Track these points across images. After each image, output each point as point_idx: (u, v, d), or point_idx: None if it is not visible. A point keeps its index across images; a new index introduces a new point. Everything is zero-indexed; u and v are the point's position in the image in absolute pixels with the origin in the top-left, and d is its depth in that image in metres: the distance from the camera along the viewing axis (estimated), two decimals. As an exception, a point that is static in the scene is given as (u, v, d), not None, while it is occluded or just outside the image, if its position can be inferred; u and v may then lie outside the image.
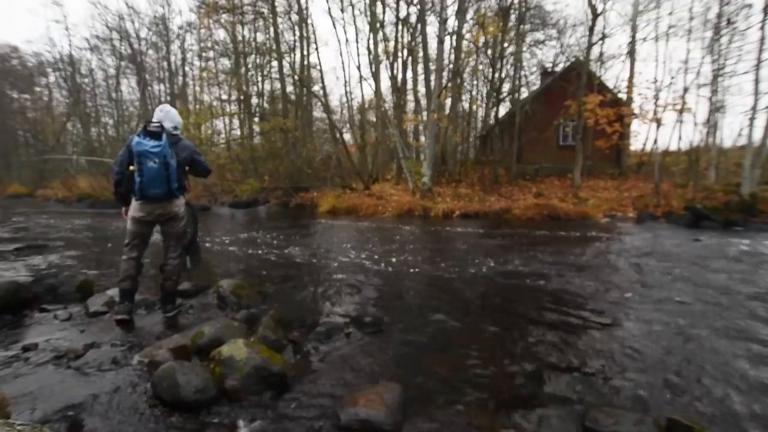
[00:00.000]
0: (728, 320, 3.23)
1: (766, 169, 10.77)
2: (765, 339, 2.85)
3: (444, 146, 16.68)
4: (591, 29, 13.63)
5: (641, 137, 28.31)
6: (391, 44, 17.60)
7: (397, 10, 17.31)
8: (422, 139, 15.33)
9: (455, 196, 12.95)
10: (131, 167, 2.76)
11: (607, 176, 15.48)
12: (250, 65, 20.27)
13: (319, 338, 2.81)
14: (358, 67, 24.57)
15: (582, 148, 13.90)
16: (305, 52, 18.65)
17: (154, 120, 2.89)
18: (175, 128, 2.98)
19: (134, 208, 2.92)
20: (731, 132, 39.83)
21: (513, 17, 15.88)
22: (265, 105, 20.81)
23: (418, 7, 15.69)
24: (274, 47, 17.57)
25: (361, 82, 28.40)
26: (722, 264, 5.24)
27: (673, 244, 6.75)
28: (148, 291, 3.95)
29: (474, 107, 20.75)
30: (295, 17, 18.18)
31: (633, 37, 15.20)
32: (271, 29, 17.69)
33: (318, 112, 21.95)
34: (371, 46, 16.02)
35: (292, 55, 19.62)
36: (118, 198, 3.03)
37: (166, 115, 2.96)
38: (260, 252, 6.31)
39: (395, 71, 17.50)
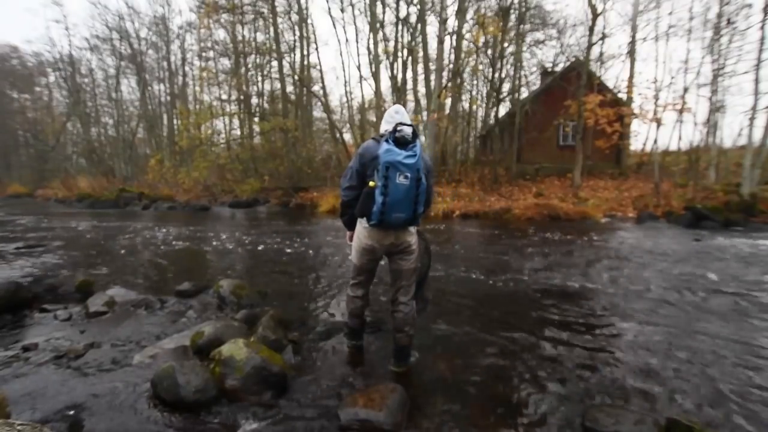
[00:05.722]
0: (728, 320, 3.24)
1: (766, 169, 10.78)
2: (764, 339, 2.86)
3: (444, 146, 16.68)
4: (591, 29, 13.62)
5: (641, 137, 28.40)
6: (391, 44, 17.64)
7: (397, 10, 17.33)
8: (422, 139, 15.31)
9: (455, 195, 12.96)
10: (371, 183, 2.10)
11: (607, 176, 15.49)
12: (250, 65, 20.29)
13: (319, 338, 2.81)
14: (358, 67, 24.76)
15: (582, 148, 13.89)
16: (305, 52, 18.72)
17: (400, 122, 2.17)
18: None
19: (363, 234, 2.28)
20: (731, 132, 39.93)
21: (513, 17, 15.89)
22: (265, 105, 20.83)
23: (418, 7, 15.69)
24: (274, 47, 17.58)
25: (361, 82, 28.46)
26: (722, 264, 5.24)
27: (673, 244, 6.75)
28: (149, 291, 3.96)
29: (474, 107, 20.79)
30: (295, 17, 18.23)
31: (633, 37, 15.20)
32: (271, 29, 17.72)
33: (318, 112, 22.02)
34: (371, 46, 16.06)
35: (292, 55, 19.69)
36: (345, 221, 2.40)
37: (404, 117, 2.26)
38: (260, 252, 6.31)
39: (395, 71, 17.53)
